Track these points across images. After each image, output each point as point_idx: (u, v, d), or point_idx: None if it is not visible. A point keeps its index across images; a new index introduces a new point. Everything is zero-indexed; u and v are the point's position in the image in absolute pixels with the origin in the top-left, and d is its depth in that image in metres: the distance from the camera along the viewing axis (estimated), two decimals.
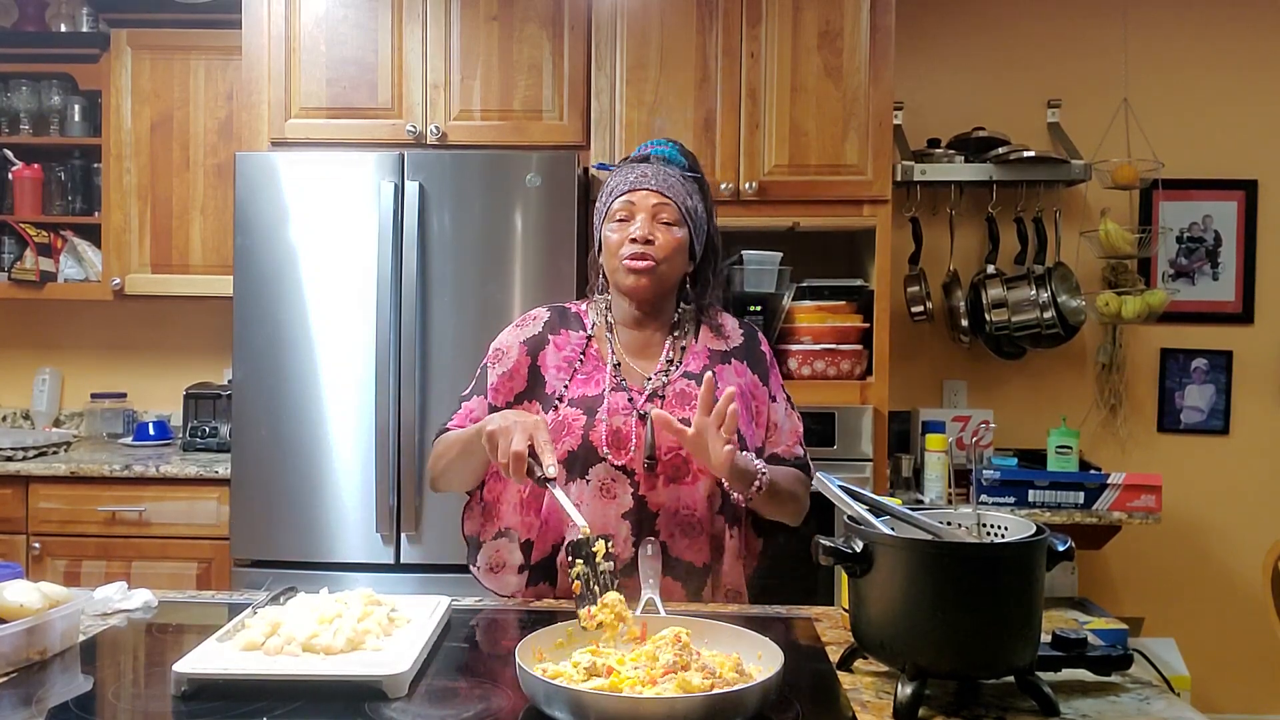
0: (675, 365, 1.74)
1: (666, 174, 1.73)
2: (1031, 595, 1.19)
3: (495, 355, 1.77)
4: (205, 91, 3.37)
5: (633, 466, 1.66)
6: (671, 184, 1.72)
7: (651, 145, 1.80)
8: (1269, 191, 3.59)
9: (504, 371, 1.74)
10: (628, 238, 1.69)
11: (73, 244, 3.52)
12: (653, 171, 1.72)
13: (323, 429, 2.87)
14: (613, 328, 1.77)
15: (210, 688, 1.21)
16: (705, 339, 1.78)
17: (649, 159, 1.76)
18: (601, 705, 1.09)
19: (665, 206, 1.70)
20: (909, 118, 3.49)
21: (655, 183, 1.71)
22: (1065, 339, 3.46)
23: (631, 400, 1.69)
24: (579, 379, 1.72)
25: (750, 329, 1.85)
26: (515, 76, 3.06)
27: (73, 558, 3.08)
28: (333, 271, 2.88)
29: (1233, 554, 3.57)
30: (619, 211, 1.71)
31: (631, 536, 1.64)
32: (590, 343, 1.76)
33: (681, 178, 1.74)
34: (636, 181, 1.71)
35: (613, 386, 1.70)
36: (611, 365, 1.73)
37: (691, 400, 1.68)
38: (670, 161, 1.76)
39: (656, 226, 1.69)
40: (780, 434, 1.78)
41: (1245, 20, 3.57)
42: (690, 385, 1.70)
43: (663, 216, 1.70)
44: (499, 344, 1.79)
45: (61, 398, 3.77)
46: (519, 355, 1.75)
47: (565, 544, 1.33)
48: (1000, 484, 3.02)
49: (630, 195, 1.71)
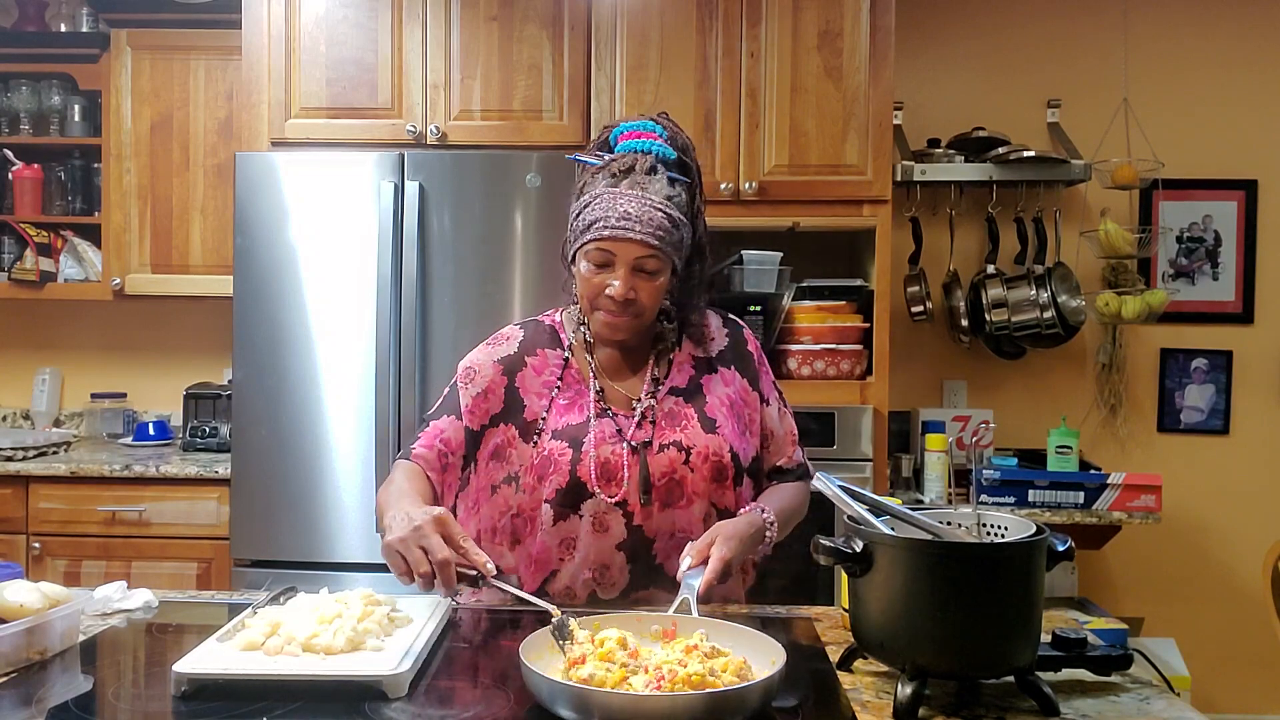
0: (660, 382, 1.66)
1: (652, 210, 1.53)
2: (1031, 595, 1.19)
3: (466, 375, 1.67)
4: (205, 91, 3.37)
5: (625, 498, 1.58)
6: (658, 224, 1.53)
7: (637, 133, 1.60)
8: (1269, 191, 3.59)
9: (478, 392, 1.65)
10: (604, 291, 1.56)
11: (73, 244, 3.52)
12: (635, 210, 1.52)
13: (323, 429, 2.87)
14: (591, 347, 1.68)
15: (210, 688, 1.21)
16: (689, 347, 1.71)
17: (634, 167, 1.56)
18: (605, 703, 1.10)
19: (650, 257, 1.54)
20: (909, 118, 3.49)
21: (640, 230, 1.52)
22: (1065, 339, 3.46)
23: (620, 431, 1.61)
24: (560, 404, 1.63)
25: (735, 326, 1.77)
26: (515, 76, 3.06)
27: (73, 558, 3.08)
28: (333, 271, 2.88)
29: (1233, 554, 3.57)
30: (596, 255, 1.55)
31: (627, 566, 1.60)
32: (569, 363, 1.67)
33: (668, 201, 1.55)
34: (619, 227, 1.52)
35: (597, 413, 1.61)
36: (594, 392, 1.64)
37: (681, 420, 1.62)
38: (658, 163, 1.58)
39: (639, 279, 1.55)
40: (777, 441, 1.74)
41: (1245, 20, 3.56)
42: (679, 403, 1.64)
43: (646, 266, 1.55)
44: (470, 363, 1.69)
45: (61, 398, 3.77)
46: (493, 374, 1.66)
47: (549, 628, 1.27)
48: (1000, 484, 3.02)
49: (610, 244, 1.54)
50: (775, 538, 1.61)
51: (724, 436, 1.63)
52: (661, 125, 1.64)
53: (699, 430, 1.62)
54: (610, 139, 1.65)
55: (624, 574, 1.61)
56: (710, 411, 1.65)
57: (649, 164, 1.57)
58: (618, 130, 1.64)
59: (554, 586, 1.64)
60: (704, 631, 1.28)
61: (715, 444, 1.62)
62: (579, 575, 1.61)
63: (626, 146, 1.61)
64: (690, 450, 1.61)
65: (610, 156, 1.61)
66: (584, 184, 1.61)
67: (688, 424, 1.63)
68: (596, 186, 1.58)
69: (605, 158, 1.62)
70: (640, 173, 1.56)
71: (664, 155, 1.60)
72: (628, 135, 1.61)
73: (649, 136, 1.61)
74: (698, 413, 1.64)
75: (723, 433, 1.64)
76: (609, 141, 1.65)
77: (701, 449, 1.61)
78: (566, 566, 1.62)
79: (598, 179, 1.59)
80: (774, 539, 1.60)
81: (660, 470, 1.59)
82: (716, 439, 1.62)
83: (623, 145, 1.61)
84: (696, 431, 1.62)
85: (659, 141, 1.61)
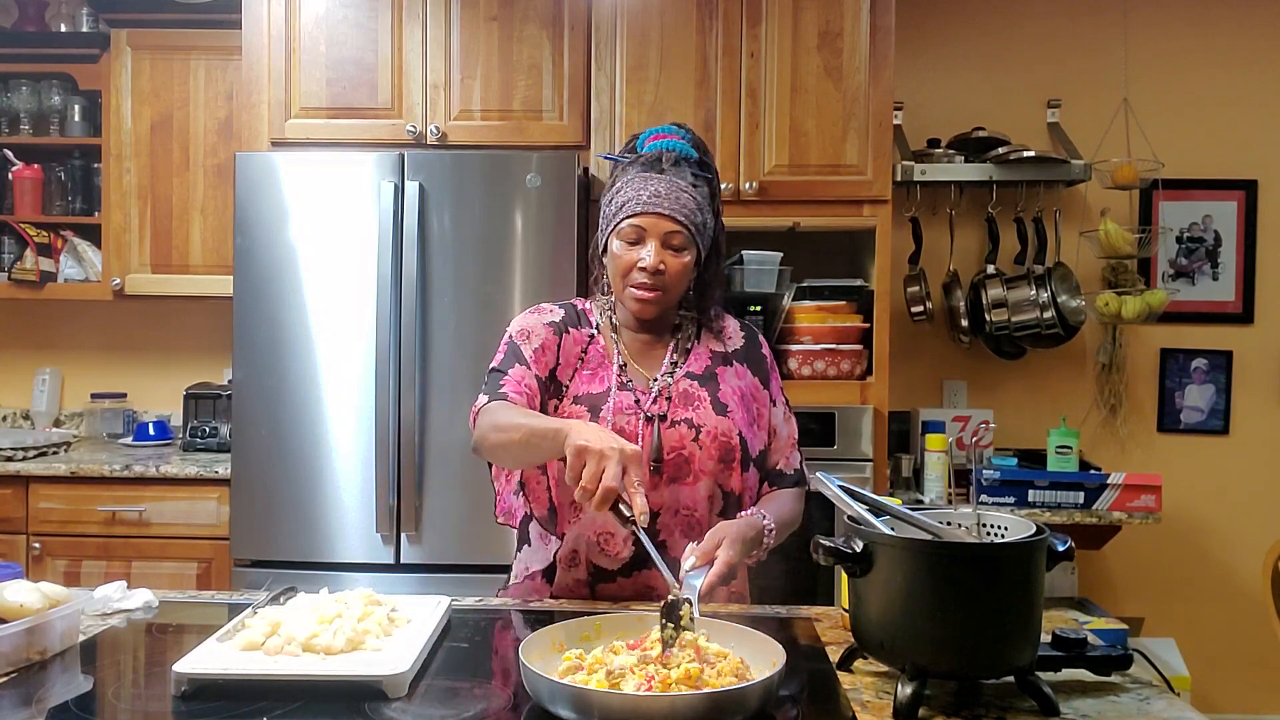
0: (678, 366, 1.74)
1: (679, 191, 1.67)
2: (1031, 595, 1.19)
3: (521, 334, 1.72)
4: (205, 91, 3.37)
5: None
6: (684, 203, 1.66)
7: (662, 135, 1.74)
8: (1269, 191, 3.59)
9: (536, 346, 1.70)
10: (637, 264, 1.66)
11: (73, 244, 3.52)
12: (665, 190, 1.66)
13: (323, 429, 2.87)
14: (617, 329, 1.77)
15: (210, 688, 1.21)
16: (707, 340, 1.79)
17: (660, 159, 1.70)
18: (605, 703, 1.10)
19: (677, 233, 1.66)
20: (909, 118, 3.49)
21: (668, 206, 1.65)
22: (1065, 339, 3.46)
23: (638, 401, 1.68)
24: (583, 374, 1.71)
25: (750, 330, 1.86)
26: (515, 76, 3.06)
27: (73, 558, 3.08)
28: (333, 271, 2.88)
29: (1233, 554, 3.57)
30: (628, 232, 1.67)
31: (631, 537, 1.64)
32: (594, 339, 1.75)
33: (693, 188, 1.68)
34: (649, 203, 1.65)
35: (618, 385, 1.69)
36: (618, 365, 1.72)
37: (694, 401, 1.69)
38: (682, 159, 1.71)
39: (667, 254, 1.66)
40: (779, 442, 1.80)
41: (1245, 20, 3.56)
42: (693, 385, 1.71)
43: (674, 242, 1.66)
44: (522, 325, 1.74)
45: (61, 398, 3.77)
46: (547, 334, 1.72)
47: (662, 604, 1.28)
48: (1000, 484, 3.02)
49: (641, 219, 1.66)
50: (771, 544, 1.65)
51: (734, 420, 1.70)
52: (685, 130, 1.77)
53: (710, 411, 1.69)
54: (638, 144, 1.77)
55: (627, 545, 1.66)
56: (723, 397, 1.72)
57: (674, 158, 1.71)
58: (644, 135, 1.77)
59: (560, 551, 1.69)
60: (705, 632, 1.28)
61: (725, 426, 1.69)
62: (583, 537, 1.67)
63: (653, 146, 1.74)
64: (700, 429, 1.67)
65: (638, 154, 1.74)
66: (614, 178, 1.74)
67: (700, 405, 1.70)
68: (627, 175, 1.71)
69: (632, 156, 1.75)
70: (667, 164, 1.70)
71: (687, 153, 1.73)
72: (654, 138, 1.75)
73: (673, 138, 1.74)
74: (710, 396, 1.71)
75: (733, 417, 1.70)
76: (636, 147, 1.77)
77: (711, 429, 1.68)
78: (572, 529, 1.68)
79: (628, 170, 1.72)
80: (770, 545, 1.64)
81: (670, 445, 1.66)
82: (726, 421, 1.69)
83: (650, 145, 1.74)
84: (708, 412, 1.69)
85: (682, 141, 1.74)
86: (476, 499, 2.76)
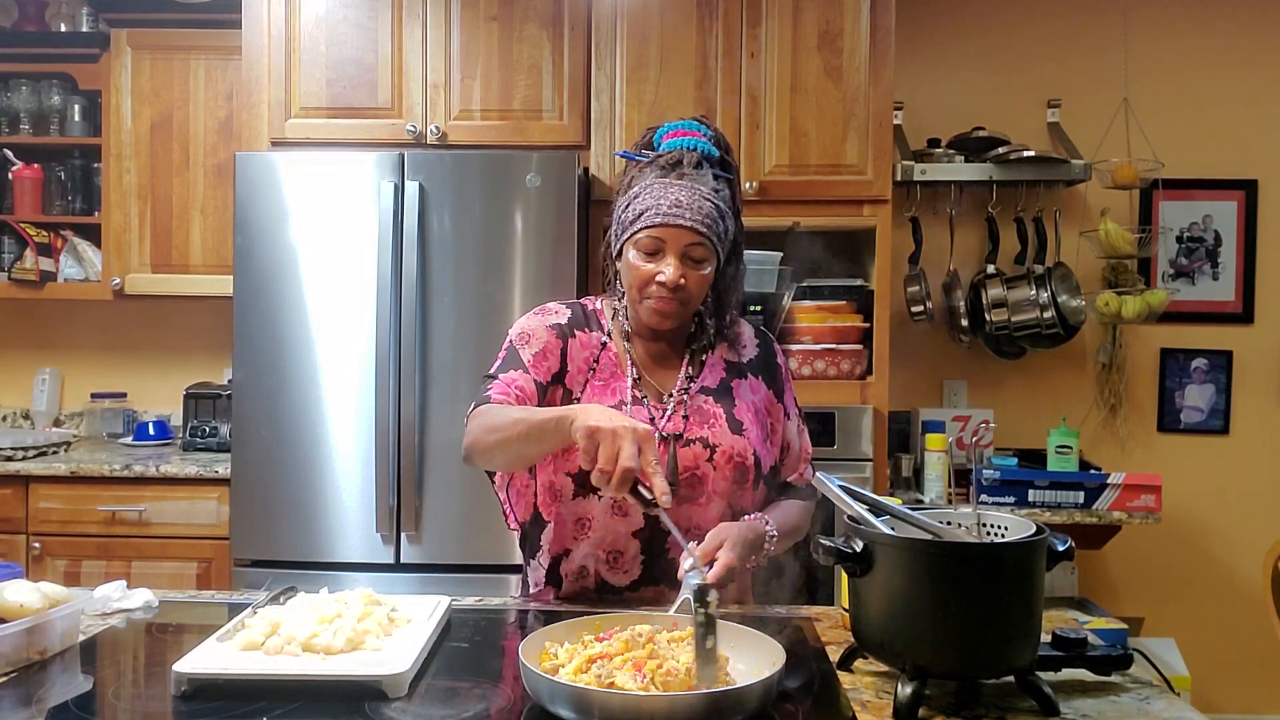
0: (693, 380, 1.68)
1: (701, 199, 1.57)
2: (1031, 595, 1.19)
3: (521, 337, 1.66)
4: (205, 91, 3.37)
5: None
6: (706, 212, 1.57)
7: (682, 131, 1.64)
8: (1269, 191, 3.59)
9: (537, 350, 1.64)
10: (655, 278, 1.58)
11: (73, 244, 3.52)
12: (686, 199, 1.56)
13: (323, 429, 2.87)
14: (629, 336, 1.69)
15: (210, 688, 1.21)
16: (722, 349, 1.73)
17: (681, 161, 1.60)
18: (604, 703, 1.10)
19: (699, 245, 1.57)
20: (909, 118, 3.49)
21: (690, 217, 1.56)
22: (1065, 339, 3.46)
23: (653, 420, 1.62)
24: (595, 384, 1.65)
25: (765, 337, 1.80)
26: (515, 76, 3.06)
27: (73, 558, 3.08)
28: (333, 271, 2.88)
29: (1233, 554, 3.57)
30: (647, 243, 1.58)
31: (641, 555, 1.61)
32: (606, 347, 1.68)
33: (715, 193, 1.60)
34: (670, 214, 1.55)
35: (633, 400, 1.63)
36: (631, 378, 1.65)
37: (709, 418, 1.64)
38: (703, 159, 1.62)
39: (687, 268, 1.58)
40: (792, 456, 1.76)
41: (1245, 20, 3.56)
42: (709, 402, 1.66)
43: (695, 254, 1.58)
44: (522, 328, 1.68)
45: (61, 398, 3.77)
46: (549, 338, 1.65)
47: (693, 592, 1.26)
48: (1000, 484, 3.02)
49: (661, 231, 1.56)
50: (772, 550, 1.61)
51: (749, 439, 1.65)
52: (705, 125, 1.67)
53: (725, 430, 1.64)
54: (655, 139, 1.68)
55: (636, 563, 1.62)
56: (738, 414, 1.67)
57: (695, 159, 1.61)
58: (662, 130, 1.67)
59: (567, 566, 1.65)
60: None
61: (740, 445, 1.63)
62: (592, 554, 1.62)
63: (673, 144, 1.64)
64: (715, 449, 1.62)
65: (657, 153, 1.65)
66: (631, 179, 1.65)
67: (716, 423, 1.64)
68: (645, 178, 1.61)
69: (651, 154, 1.65)
70: (688, 166, 1.60)
71: (708, 152, 1.63)
72: (673, 134, 1.65)
73: (694, 135, 1.64)
74: (726, 414, 1.66)
75: (748, 436, 1.65)
76: (654, 142, 1.68)
77: (726, 449, 1.62)
78: (580, 546, 1.63)
79: (646, 172, 1.62)
80: (770, 551, 1.61)
81: (684, 464, 1.60)
82: (741, 440, 1.64)
83: (669, 143, 1.64)
84: (723, 430, 1.64)
85: (703, 139, 1.64)
86: (476, 499, 2.76)
